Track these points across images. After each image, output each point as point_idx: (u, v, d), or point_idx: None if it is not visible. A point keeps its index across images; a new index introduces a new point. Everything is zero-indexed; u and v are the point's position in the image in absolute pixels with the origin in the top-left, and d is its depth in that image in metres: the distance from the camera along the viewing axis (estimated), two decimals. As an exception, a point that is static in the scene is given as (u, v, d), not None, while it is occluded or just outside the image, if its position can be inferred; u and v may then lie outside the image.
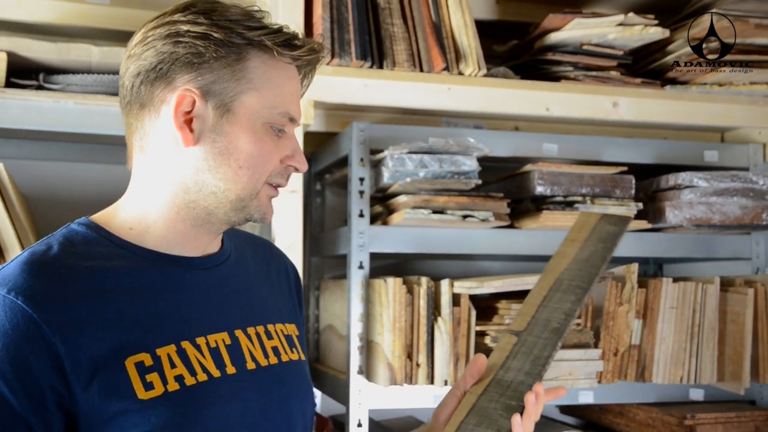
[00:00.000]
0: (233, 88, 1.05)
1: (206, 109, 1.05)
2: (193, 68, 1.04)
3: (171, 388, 0.98)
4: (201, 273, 1.11)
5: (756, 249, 2.27)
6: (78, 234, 1.06)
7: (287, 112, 1.08)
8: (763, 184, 2.14)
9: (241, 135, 1.05)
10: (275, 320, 1.18)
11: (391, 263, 2.47)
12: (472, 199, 1.98)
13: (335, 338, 2.18)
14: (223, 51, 1.04)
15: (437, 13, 2.05)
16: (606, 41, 2.14)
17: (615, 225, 1.32)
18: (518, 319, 1.22)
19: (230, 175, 1.05)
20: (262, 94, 1.06)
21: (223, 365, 1.05)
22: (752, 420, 2.08)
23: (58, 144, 2.14)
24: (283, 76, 1.08)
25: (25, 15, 1.93)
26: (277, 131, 1.08)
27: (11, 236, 1.72)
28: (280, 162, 1.09)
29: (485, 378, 1.16)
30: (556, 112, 2.09)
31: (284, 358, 1.15)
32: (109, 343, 0.96)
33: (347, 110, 2.11)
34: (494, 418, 1.09)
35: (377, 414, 2.33)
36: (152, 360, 0.98)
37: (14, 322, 0.92)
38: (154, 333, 1.01)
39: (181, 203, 1.07)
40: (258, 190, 1.08)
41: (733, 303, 2.09)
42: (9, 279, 0.95)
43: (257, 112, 1.06)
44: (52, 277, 0.97)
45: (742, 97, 2.21)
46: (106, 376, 0.95)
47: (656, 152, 2.23)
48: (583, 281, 1.23)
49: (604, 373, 1.99)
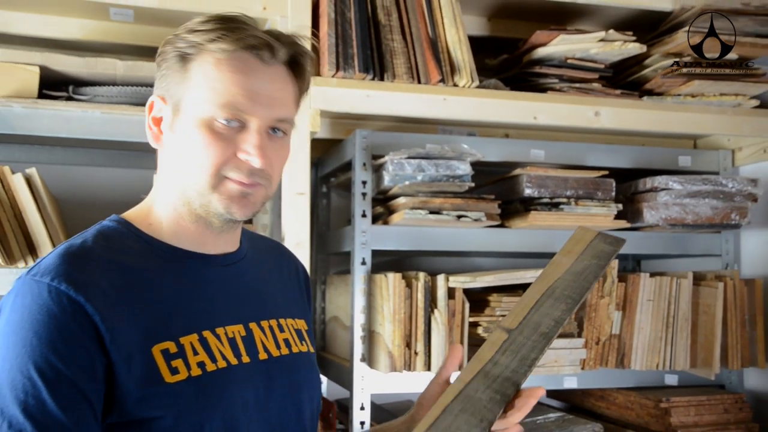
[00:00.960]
0: (181, 90, 1.05)
1: (167, 112, 1.08)
2: (162, 78, 1.08)
3: (194, 373, 0.99)
4: (220, 269, 1.11)
5: (725, 246, 2.27)
6: (109, 229, 1.07)
7: (230, 103, 1.02)
8: (732, 186, 2.14)
9: (188, 131, 1.04)
10: (286, 315, 1.19)
11: (392, 259, 2.46)
12: (466, 201, 1.98)
13: (340, 328, 2.18)
14: (174, 59, 1.05)
15: (433, 29, 2.05)
16: (588, 56, 2.13)
17: (610, 245, 1.28)
18: (510, 317, 1.19)
19: (186, 168, 1.05)
20: (200, 90, 1.03)
21: (239, 354, 1.05)
22: (722, 403, 2.09)
23: (86, 150, 2.14)
24: (225, 71, 1.03)
25: (56, 32, 1.94)
26: (226, 123, 1.03)
27: (43, 234, 1.72)
28: (236, 156, 1.04)
29: (474, 367, 1.13)
30: (543, 121, 2.08)
31: (294, 349, 1.15)
32: (138, 331, 0.97)
33: (351, 119, 2.10)
34: (479, 408, 1.06)
35: (378, 398, 2.32)
36: (176, 348, 0.99)
37: (61, 305, 0.93)
38: (178, 323, 1.01)
39: (177, 200, 1.08)
40: (214, 184, 1.04)
41: (705, 296, 2.10)
42: (51, 268, 0.96)
43: (197, 108, 1.03)
44: (88, 267, 0.98)
45: (713, 107, 2.20)
46: (137, 360, 0.96)
47: (634, 157, 2.23)
48: (574, 292, 1.20)
49: (587, 360, 2.00)
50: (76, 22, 1.95)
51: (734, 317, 2.10)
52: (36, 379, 0.90)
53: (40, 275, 0.96)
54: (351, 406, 1.95)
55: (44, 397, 0.90)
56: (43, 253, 1.73)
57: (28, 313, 0.93)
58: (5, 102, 1.72)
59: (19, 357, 0.91)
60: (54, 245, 1.73)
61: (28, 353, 0.91)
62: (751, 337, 2.14)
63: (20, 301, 0.95)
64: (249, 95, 1.03)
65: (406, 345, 1.88)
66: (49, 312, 0.93)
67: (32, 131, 1.77)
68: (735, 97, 2.21)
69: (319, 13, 1.98)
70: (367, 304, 1.97)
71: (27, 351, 0.91)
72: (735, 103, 2.22)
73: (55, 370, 0.91)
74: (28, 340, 0.92)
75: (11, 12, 1.92)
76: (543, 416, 2.21)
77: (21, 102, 1.73)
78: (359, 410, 1.94)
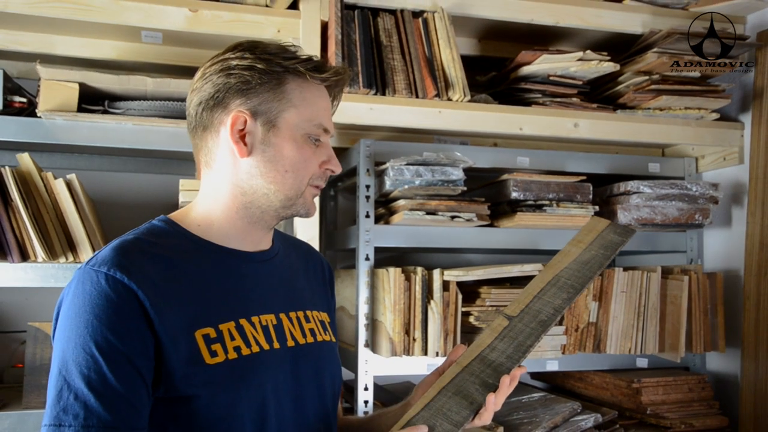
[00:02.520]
0: (276, 107, 1.06)
1: (255, 126, 1.07)
2: (243, 94, 1.06)
3: (231, 356, 1.00)
4: (255, 265, 1.12)
5: (690, 243, 2.27)
6: (158, 228, 1.09)
7: (321, 124, 1.09)
8: (696, 190, 2.14)
9: (285, 145, 1.07)
10: (312, 308, 1.19)
11: (392, 256, 2.46)
12: (459, 203, 1.98)
13: (346, 317, 2.18)
14: (265, 78, 1.06)
15: (430, 50, 2.05)
16: (568, 73, 2.14)
17: (619, 235, 1.24)
18: (513, 305, 1.16)
19: (278, 178, 1.07)
20: (299, 110, 1.07)
21: (271, 341, 1.07)
22: (686, 383, 2.09)
23: (120, 158, 2.15)
24: (316, 95, 1.09)
25: (93, 53, 1.94)
26: (314, 140, 1.09)
27: (81, 233, 1.73)
28: (319, 166, 1.10)
29: (472, 352, 1.13)
30: (528, 131, 2.07)
31: (319, 338, 1.16)
32: (182, 317, 0.99)
33: (356, 129, 2.09)
34: (470, 392, 1.06)
35: (381, 380, 2.33)
36: (216, 333, 1.00)
37: (117, 291, 0.95)
38: (217, 311, 1.03)
39: (240, 204, 1.09)
40: (303, 191, 1.09)
41: (672, 288, 2.10)
42: (107, 260, 0.98)
43: (297, 125, 1.07)
44: (140, 259, 1.00)
45: (679, 119, 2.20)
46: (181, 343, 0.97)
47: (609, 164, 2.22)
48: (577, 282, 1.17)
49: (567, 346, 2.00)
50: (110, 44, 1.95)
51: (698, 307, 2.10)
52: (97, 356, 0.92)
53: (98, 265, 0.98)
54: (356, 387, 1.96)
55: (104, 371, 0.92)
56: (82, 250, 1.74)
57: (89, 298, 0.95)
58: (49, 115, 1.73)
59: (81, 336, 0.93)
60: (91, 243, 1.74)
61: (89, 333, 0.93)
62: (712, 324, 2.14)
63: (81, 288, 0.97)
64: (329, 116, 1.13)
65: (406, 332, 1.88)
66: (107, 297, 0.95)
67: (73, 141, 1.78)
68: (698, 111, 2.21)
69: (327, 35, 1.98)
70: (370, 296, 1.97)
71: (89, 331, 0.93)
72: (698, 116, 2.22)
73: (113, 348, 0.93)
74: (90, 321, 0.94)
75: (54, 35, 1.92)
76: (527, 396, 2.21)
77: (63, 115, 1.74)
78: (363, 390, 1.94)
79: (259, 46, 1.09)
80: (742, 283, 2.17)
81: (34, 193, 1.71)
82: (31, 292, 2.10)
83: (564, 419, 1.97)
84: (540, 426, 1.91)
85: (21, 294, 2.10)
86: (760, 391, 2.05)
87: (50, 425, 0.91)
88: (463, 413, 1.03)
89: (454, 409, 1.04)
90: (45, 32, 1.91)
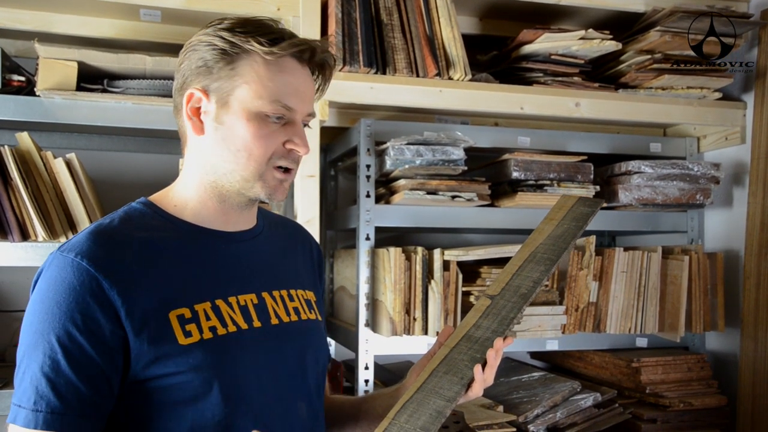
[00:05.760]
0: (229, 85, 1.05)
1: (210, 104, 1.06)
2: (201, 73, 1.06)
3: (206, 336, 1.00)
4: (235, 245, 1.12)
5: (691, 224, 2.27)
6: (136, 210, 1.09)
7: (279, 101, 1.05)
8: (697, 170, 2.14)
9: (236, 123, 1.05)
10: (297, 287, 1.19)
11: (393, 235, 2.46)
12: (460, 183, 1.98)
13: (347, 297, 2.19)
14: (219, 56, 1.05)
15: (431, 28, 2.04)
16: (570, 52, 2.12)
17: (588, 207, 1.27)
18: (494, 285, 1.20)
19: (231, 157, 1.06)
20: (251, 87, 1.04)
21: (250, 320, 1.06)
22: (685, 362, 2.10)
23: (119, 137, 2.15)
24: (275, 71, 1.05)
25: (92, 31, 1.93)
26: (276, 119, 1.06)
27: (81, 212, 1.72)
28: (283, 146, 1.07)
29: (459, 333, 1.15)
30: (529, 111, 2.06)
31: (303, 317, 1.16)
32: (156, 299, 0.99)
33: (356, 109, 2.09)
34: (460, 368, 1.08)
35: (381, 359, 2.34)
36: (191, 314, 1.00)
37: (81, 279, 0.95)
38: (194, 292, 1.03)
39: (207, 184, 1.09)
40: (262, 172, 1.06)
41: (672, 268, 2.10)
42: (77, 246, 0.99)
43: (249, 103, 1.04)
44: (112, 244, 1.00)
45: (681, 99, 2.19)
46: (153, 325, 0.97)
47: (611, 144, 2.22)
48: (553, 254, 1.19)
49: (567, 326, 2.00)
50: (109, 22, 1.94)
51: (698, 287, 2.11)
52: (54, 344, 0.94)
53: (67, 251, 0.98)
54: (357, 366, 1.97)
55: (59, 359, 0.93)
56: (82, 229, 1.73)
57: (53, 285, 0.96)
58: (48, 94, 1.73)
59: (42, 323, 0.95)
60: (91, 221, 1.74)
61: (49, 320, 0.95)
62: (712, 304, 2.15)
63: (49, 272, 0.98)
64: (294, 93, 1.06)
65: (406, 312, 1.89)
66: (70, 285, 0.96)
67: (72, 120, 1.77)
68: (700, 90, 2.20)
69: (327, 14, 1.97)
70: (371, 275, 1.98)
71: (48, 318, 0.95)
72: (700, 96, 2.21)
73: (70, 338, 0.94)
74: (51, 309, 0.95)
75: (52, 14, 1.91)
76: (528, 375, 2.22)
77: (61, 94, 1.73)
78: (364, 370, 1.95)
79: (223, 23, 1.07)
80: (743, 263, 2.17)
81: (34, 173, 1.71)
82: (31, 272, 2.09)
83: (563, 398, 1.98)
84: (539, 405, 1.93)
85: (22, 273, 2.10)
86: (758, 371, 2.06)
87: (12, 404, 0.94)
88: (454, 389, 1.06)
89: (446, 386, 1.07)
90: (44, 10, 1.90)
